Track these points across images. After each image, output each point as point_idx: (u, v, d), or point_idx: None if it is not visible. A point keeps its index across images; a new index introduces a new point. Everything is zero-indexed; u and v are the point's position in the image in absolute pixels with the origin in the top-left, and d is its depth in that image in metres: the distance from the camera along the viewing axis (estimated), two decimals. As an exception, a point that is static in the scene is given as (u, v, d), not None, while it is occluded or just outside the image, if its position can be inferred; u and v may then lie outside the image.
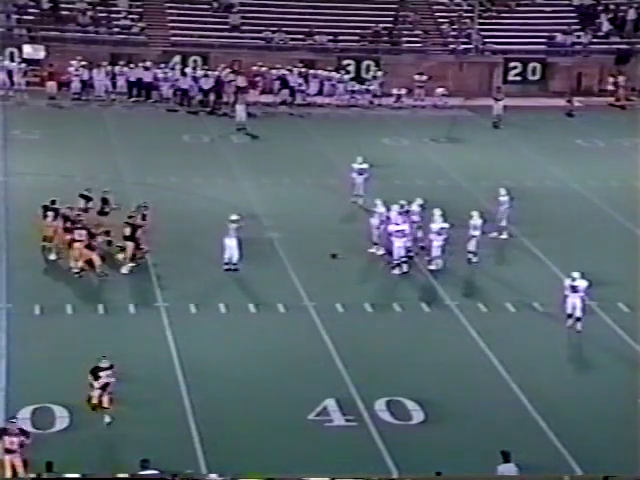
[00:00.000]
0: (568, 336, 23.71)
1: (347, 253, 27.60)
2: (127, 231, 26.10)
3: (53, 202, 26.82)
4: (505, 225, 28.74)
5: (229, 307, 24.64)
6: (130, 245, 26.06)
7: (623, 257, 28.15)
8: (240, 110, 39.97)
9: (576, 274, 23.77)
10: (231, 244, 26.40)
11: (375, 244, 27.60)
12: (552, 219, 30.08)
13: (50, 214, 26.51)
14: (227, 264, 26.39)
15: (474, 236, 27.09)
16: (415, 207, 27.58)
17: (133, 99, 43.59)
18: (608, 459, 18.79)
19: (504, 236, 28.82)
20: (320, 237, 28.67)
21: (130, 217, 26.34)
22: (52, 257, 26.42)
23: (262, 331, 23.61)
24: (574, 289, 23.69)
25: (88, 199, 27.61)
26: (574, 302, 23.67)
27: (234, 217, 26.67)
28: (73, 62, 43.46)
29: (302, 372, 21.70)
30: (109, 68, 43.82)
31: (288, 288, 25.73)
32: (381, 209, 27.58)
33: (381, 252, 27.42)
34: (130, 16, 47.43)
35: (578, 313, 23.70)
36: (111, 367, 19.56)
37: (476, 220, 27.13)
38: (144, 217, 26.67)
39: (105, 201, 27.75)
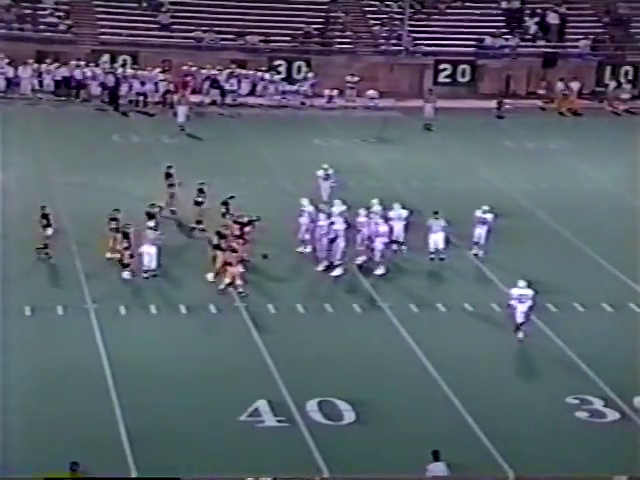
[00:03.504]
0: (497, 336, 23.93)
1: (279, 253, 27.52)
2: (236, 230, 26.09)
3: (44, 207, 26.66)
4: (483, 243, 27.90)
5: (160, 308, 24.41)
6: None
7: (550, 257, 28.56)
8: (181, 111, 39.60)
9: (522, 283, 23.49)
10: (150, 251, 25.59)
11: (303, 242, 27.59)
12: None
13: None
14: (146, 271, 25.67)
15: (393, 226, 27.44)
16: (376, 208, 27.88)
17: (61, 98, 42.98)
18: (536, 457, 19.02)
19: (478, 252, 27.89)
20: (252, 237, 28.51)
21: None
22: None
23: (193, 332, 23.44)
24: (521, 299, 23.40)
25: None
26: (521, 312, 23.33)
27: (151, 224, 26.01)
28: (-3, 59, 42.75)
29: (234, 373, 21.58)
30: (35, 66, 43.16)
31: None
32: (309, 208, 27.61)
33: (308, 250, 27.41)
34: (57, 13, 46.76)
35: (521, 319, 23.38)
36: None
37: (398, 211, 27.62)
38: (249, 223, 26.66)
39: (201, 191, 28.55)
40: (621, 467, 18.49)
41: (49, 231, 26.40)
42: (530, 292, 23.44)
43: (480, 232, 27.94)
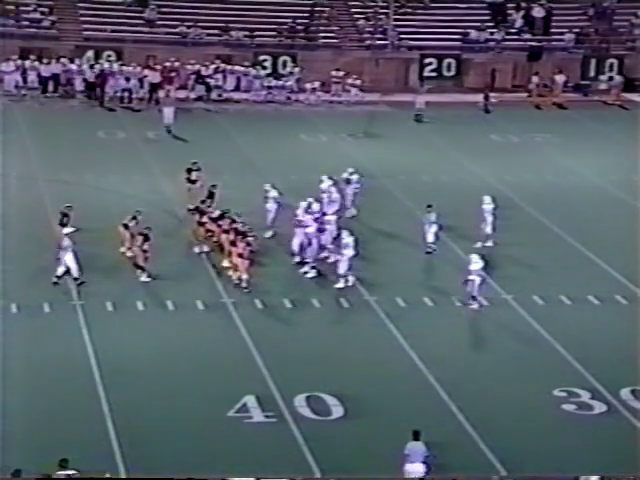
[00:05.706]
0: (484, 329, 24.01)
1: (266, 249, 27.47)
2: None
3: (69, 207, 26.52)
4: (491, 233, 28.15)
5: (147, 305, 24.36)
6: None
7: (537, 250, 28.61)
8: (168, 112, 39.31)
9: (476, 257, 24.47)
10: (67, 258, 24.73)
11: (269, 227, 27.93)
12: (468, 213, 30.31)
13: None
14: (63, 277, 24.75)
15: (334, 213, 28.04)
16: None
17: (47, 94, 42.80)
18: (524, 449, 19.05)
19: (489, 244, 28.09)
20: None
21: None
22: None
23: (181, 328, 23.40)
24: (479, 272, 24.45)
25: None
26: (475, 283, 24.39)
27: (67, 230, 25.23)
28: (-20, 56, 42.52)
29: (221, 369, 21.57)
30: (19, 62, 42.96)
31: (206, 285, 25.55)
32: (273, 194, 28.24)
33: (269, 235, 27.74)
34: (40, 9, 46.56)
35: (475, 292, 24.45)
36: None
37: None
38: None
39: (211, 195, 28.46)
40: (608, 459, 18.58)
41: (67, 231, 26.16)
42: (482, 263, 24.59)
43: (484, 224, 28.28)
